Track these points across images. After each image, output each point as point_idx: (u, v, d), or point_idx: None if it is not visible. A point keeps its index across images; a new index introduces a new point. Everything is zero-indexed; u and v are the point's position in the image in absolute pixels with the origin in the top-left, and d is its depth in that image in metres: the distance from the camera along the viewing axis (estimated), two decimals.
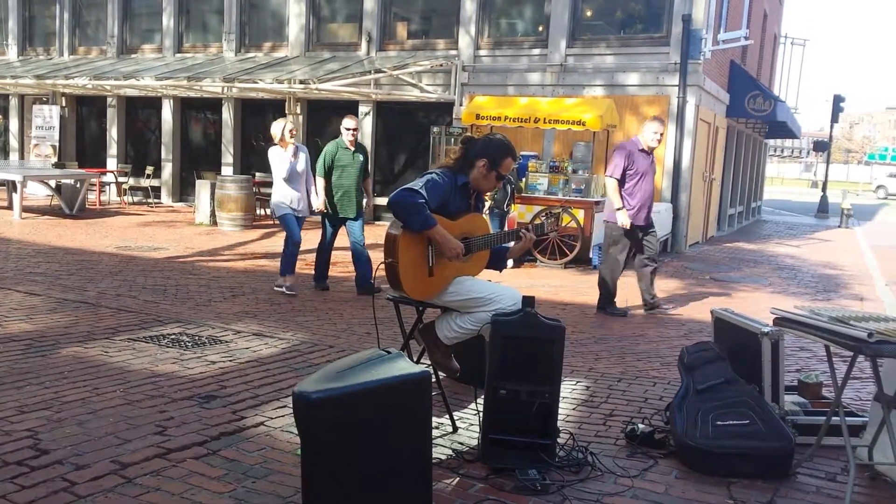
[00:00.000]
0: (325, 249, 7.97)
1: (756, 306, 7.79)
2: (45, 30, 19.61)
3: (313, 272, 8.08)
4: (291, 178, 7.63)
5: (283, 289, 7.62)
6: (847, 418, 3.45)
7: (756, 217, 23.00)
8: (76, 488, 3.02)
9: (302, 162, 7.73)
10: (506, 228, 10.22)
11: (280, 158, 7.63)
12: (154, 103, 17.63)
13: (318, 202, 7.77)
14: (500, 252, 4.13)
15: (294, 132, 7.78)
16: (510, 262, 10.19)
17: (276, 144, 7.73)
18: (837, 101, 24.14)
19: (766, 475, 3.44)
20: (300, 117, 15.75)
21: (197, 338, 5.58)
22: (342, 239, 8.07)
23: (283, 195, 7.64)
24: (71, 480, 3.08)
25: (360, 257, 7.83)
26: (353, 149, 7.82)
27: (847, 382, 3.46)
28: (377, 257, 5.65)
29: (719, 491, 3.32)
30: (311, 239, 8.65)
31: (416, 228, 3.63)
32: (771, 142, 29.27)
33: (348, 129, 7.75)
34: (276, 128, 7.70)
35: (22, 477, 3.09)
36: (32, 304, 6.42)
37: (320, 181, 7.74)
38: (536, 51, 13.77)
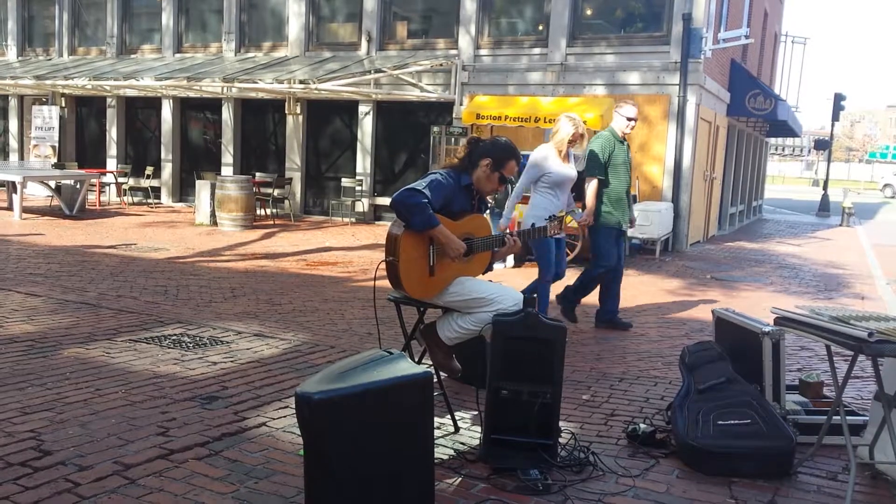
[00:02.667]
0: (618, 276, 6.59)
1: (757, 305, 7.79)
2: (44, 30, 19.62)
3: (600, 305, 6.69)
4: (560, 188, 6.11)
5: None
6: (848, 417, 3.46)
7: (757, 216, 23.00)
8: (79, 489, 3.03)
9: (573, 170, 6.22)
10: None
11: (549, 162, 6.06)
12: (154, 103, 17.64)
13: (585, 214, 6.33)
14: None
15: (582, 136, 6.16)
16: (511, 262, 10.24)
17: (547, 143, 6.22)
18: (838, 99, 24.13)
19: (767, 474, 3.45)
20: (300, 117, 15.77)
21: (198, 338, 5.59)
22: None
23: (545, 208, 5.95)
24: (74, 481, 3.09)
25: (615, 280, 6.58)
26: (626, 143, 6.47)
27: (848, 382, 3.46)
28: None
29: (721, 490, 3.32)
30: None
31: (418, 228, 3.64)
32: (772, 140, 29.29)
33: (630, 120, 6.32)
34: (566, 127, 6.05)
35: (25, 478, 3.10)
36: (33, 306, 6.43)
37: (592, 185, 6.30)
38: (537, 50, 13.77)
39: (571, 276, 6.61)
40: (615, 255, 6.50)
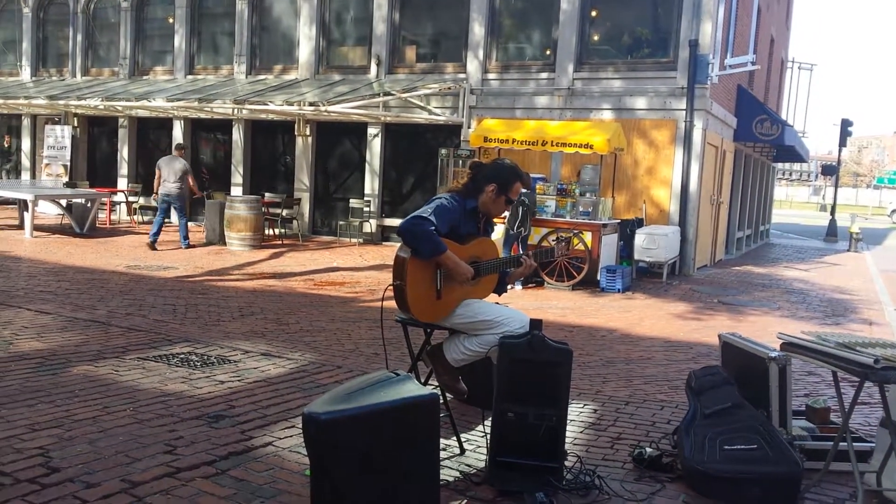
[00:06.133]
0: None
1: (764, 331, 7.78)
2: (58, 51, 19.88)
3: None
4: None
5: None
6: (855, 444, 3.45)
7: (764, 240, 22.97)
8: None
9: None
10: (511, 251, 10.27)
11: None
12: (165, 124, 17.81)
13: None
14: (501, 276, 4.16)
15: None
16: (518, 286, 10.26)
17: None
18: (845, 125, 24.17)
19: (773, 500, 3.43)
20: (309, 139, 15.89)
21: (206, 357, 5.61)
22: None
23: None
24: (82, 498, 3.11)
25: None
26: None
27: (854, 408, 3.46)
28: None
29: None
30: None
31: (426, 256, 3.66)
32: (779, 165, 29.30)
33: None
34: None
35: (33, 494, 3.11)
36: (43, 323, 6.47)
37: None
38: (544, 74, 13.87)
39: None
40: None
